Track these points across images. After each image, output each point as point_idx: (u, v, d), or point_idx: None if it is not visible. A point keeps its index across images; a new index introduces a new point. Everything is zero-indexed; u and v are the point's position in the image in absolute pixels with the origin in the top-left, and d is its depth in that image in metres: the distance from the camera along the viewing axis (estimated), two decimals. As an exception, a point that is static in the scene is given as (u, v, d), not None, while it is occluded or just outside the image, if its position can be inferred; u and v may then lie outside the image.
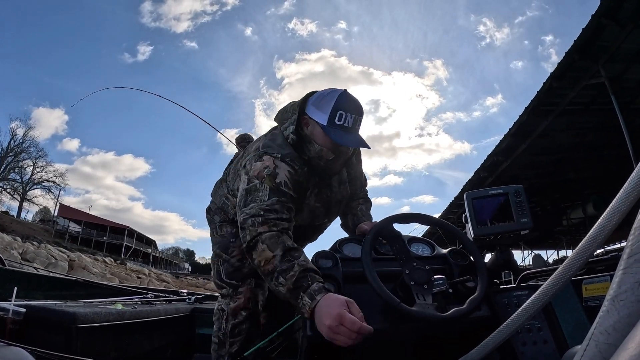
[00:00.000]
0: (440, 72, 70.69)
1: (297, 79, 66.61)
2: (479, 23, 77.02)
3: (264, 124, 66.97)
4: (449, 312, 1.01)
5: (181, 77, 63.96)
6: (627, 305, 0.36)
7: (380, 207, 64.54)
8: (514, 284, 1.36)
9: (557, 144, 6.61)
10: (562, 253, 13.60)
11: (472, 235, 1.26)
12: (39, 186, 31.97)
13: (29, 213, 33.81)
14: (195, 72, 66.01)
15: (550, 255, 13.33)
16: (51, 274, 2.18)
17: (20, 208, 30.92)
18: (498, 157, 6.84)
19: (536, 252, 12.16)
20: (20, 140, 31.05)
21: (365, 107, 1.28)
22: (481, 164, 7.27)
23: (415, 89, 74.51)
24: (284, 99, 64.30)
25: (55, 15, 48.77)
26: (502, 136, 6.32)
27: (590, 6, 4.51)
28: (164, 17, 54.85)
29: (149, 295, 2.29)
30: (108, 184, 52.29)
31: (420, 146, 69.44)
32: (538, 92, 5.28)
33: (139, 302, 2.07)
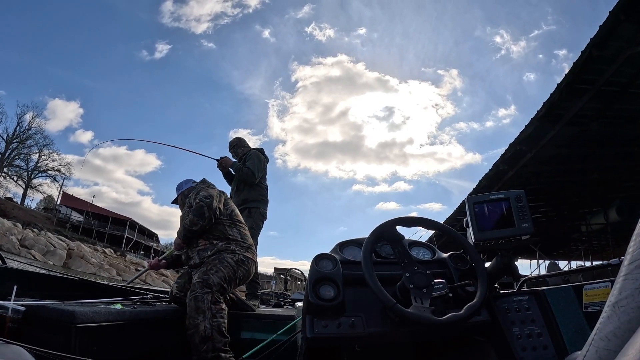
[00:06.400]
0: (456, 82, 69.93)
1: (311, 82, 65.35)
2: (495, 35, 76.58)
3: (276, 126, 66.23)
4: (445, 317, 1.01)
5: (195, 77, 63.92)
6: (627, 312, 0.36)
7: (388, 213, 63.92)
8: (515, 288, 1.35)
9: (587, 134, 5.89)
10: (575, 264, 12.81)
11: (473, 240, 1.25)
12: (44, 174, 31.99)
13: (34, 201, 33.83)
14: (209, 72, 65.92)
15: (564, 267, 12.74)
16: (51, 273, 2.18)
17: (24, 195, 30.86)
18: (521, 146, 6.12)
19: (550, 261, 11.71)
20: (27, 127, 31.01)
21: (379, 114, 1.39)
22: (501, 155, 6.54)
23: (430, 97, 73.24)
24: (297, 102, 63.34)
25: (75, 12, 49.18)
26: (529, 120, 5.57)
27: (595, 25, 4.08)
28: (184, 17, 54.78)
29: (148, 296, 2.30)
30: (118, 177, 52.27)
31: (432, 154, 68.01)
32: (574, 63, 4.48)
33: (139, 303, 2.07)
